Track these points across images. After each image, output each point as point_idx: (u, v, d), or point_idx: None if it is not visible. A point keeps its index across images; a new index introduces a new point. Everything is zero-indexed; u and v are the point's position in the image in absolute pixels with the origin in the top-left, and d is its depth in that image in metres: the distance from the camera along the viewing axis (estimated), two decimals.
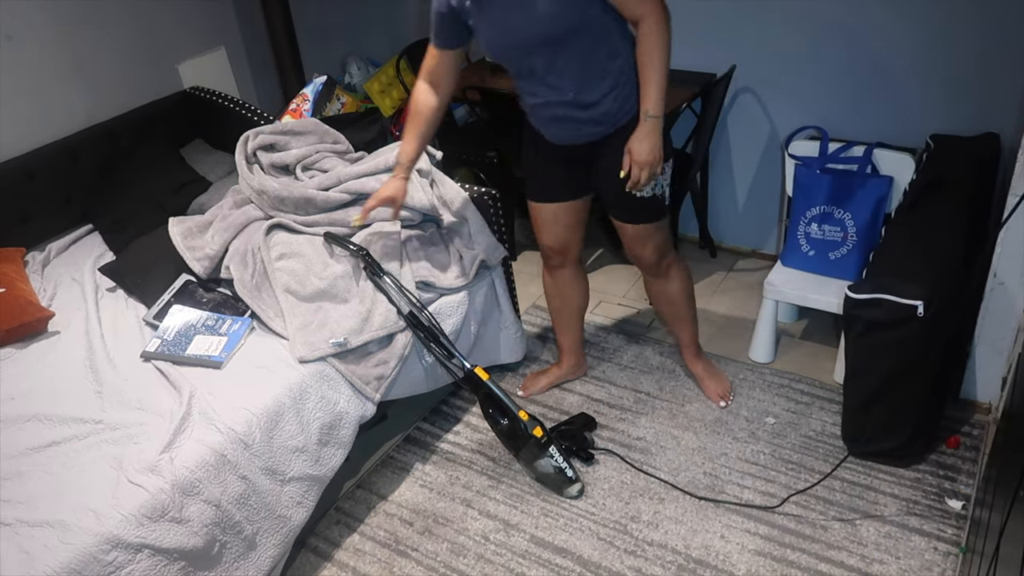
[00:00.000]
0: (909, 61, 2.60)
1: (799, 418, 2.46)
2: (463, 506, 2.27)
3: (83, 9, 2.76)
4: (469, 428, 2.55)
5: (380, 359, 2.17)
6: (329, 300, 2.22)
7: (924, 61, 2.57)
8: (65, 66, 2.76)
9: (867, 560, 2.01)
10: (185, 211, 2.72)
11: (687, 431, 2.45)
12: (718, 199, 3.27)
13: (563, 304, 2.54)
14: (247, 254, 2.32)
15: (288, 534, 1.99)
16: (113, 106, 2.91)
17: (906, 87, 2.64)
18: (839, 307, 2.27)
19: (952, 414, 2.40)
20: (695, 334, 2.54)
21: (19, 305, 2.25)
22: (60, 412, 1.94)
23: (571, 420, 2.48)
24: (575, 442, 2.37)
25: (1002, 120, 2.50)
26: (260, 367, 2.07)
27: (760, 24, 2.80)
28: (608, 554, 2.09)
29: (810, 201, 2.63)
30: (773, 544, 2.08)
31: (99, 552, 1.61)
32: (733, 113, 3.04)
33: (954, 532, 2.06)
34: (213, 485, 1.81)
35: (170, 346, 2.11)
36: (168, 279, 2.33)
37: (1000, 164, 2.48)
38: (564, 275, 2.46)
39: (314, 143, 2.61)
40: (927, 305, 1.99)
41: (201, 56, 3.17)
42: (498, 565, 2.09)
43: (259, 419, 1.93)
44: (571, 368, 2.67)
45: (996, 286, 2.21)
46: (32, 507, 1.68)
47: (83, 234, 2.76)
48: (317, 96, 3.01)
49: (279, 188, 2.42)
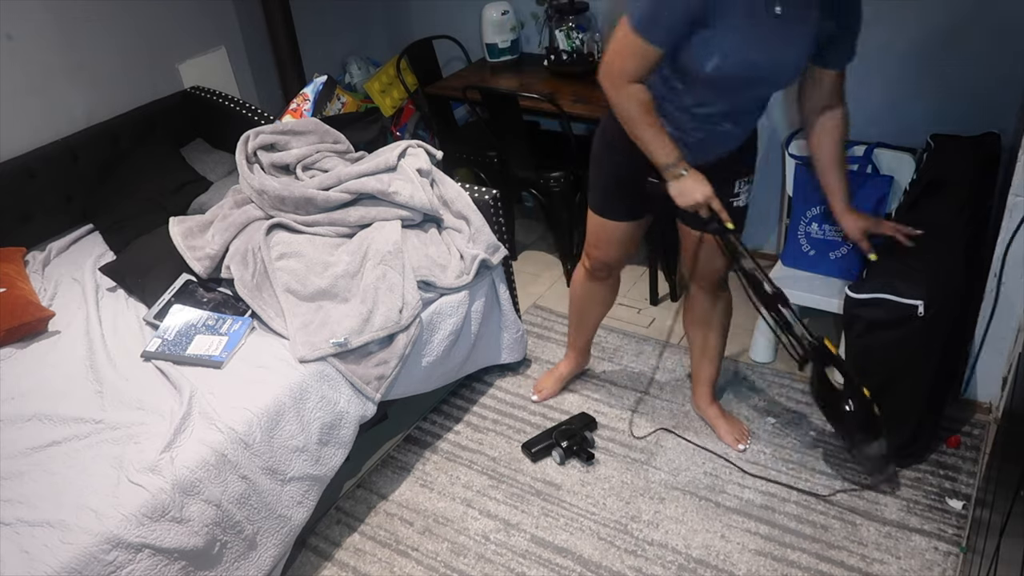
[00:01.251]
0: (909, 60, 2.59)
1: (800, 418, 2.46)
2: (463, 506, 2.27)
3: (84, 8, 2.76)
4: (470, 428, 2.55)
5: (381, 359, 2.17)
6: (330, 300, 2.22)
7: (924, 60, 2.57)
8: (66, 65, 2.76)
9: (868, 560, 2.01)
10: (185, 211, 2.72)
11: (688, 431, 2.45)
12: None
13: (593, 309, 2.50)
14: (247, 254, 2.32)
15: (289, 534, 2.00)
16: (114, 105, 2.91)
17: (906, 86, 2.64)
18: (839, 307, 2.27)
19: (953, 414, 2.40)
20: (717, 374, 2.44)
21: (19, 305, 2.25)
22: (60, 412, 1.94)
23: (571, 420, 2.48)
24: (575, 442, 2.37)
25: (1002, 120, 2.49)
26: (260, 367, 2.07)
27: None
28: (609, 554, 2.09)
29: (811, 201, 2.63)
30: (774, 544, 2.08)
31: (99, 552, 1.61)
32: None
33: (955, 532, 2.06)
34: (213, 485, 1.81)
35: (170, 346, 2.11)
36: (168, 279, 2.33)
37: (1000, 164, 2.48)
38: (607, 285, 2.42)
39: (314, 143, 2.61)
40: (927, 305, 1.99)
41: (202, 56, 3.17)
42: (498, 565, 2.09)
43: (259, 419, 1.93)
44: (579, 364, 2.68)
45: (996, 286, 2.21)
46: (32, 507, 1.68)
47: (83, 234, 2.76)
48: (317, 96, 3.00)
49: (279, 188, 2.42)
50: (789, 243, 2.69)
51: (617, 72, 1.76)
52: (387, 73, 3.60)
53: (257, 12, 3.26)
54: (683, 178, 1.84)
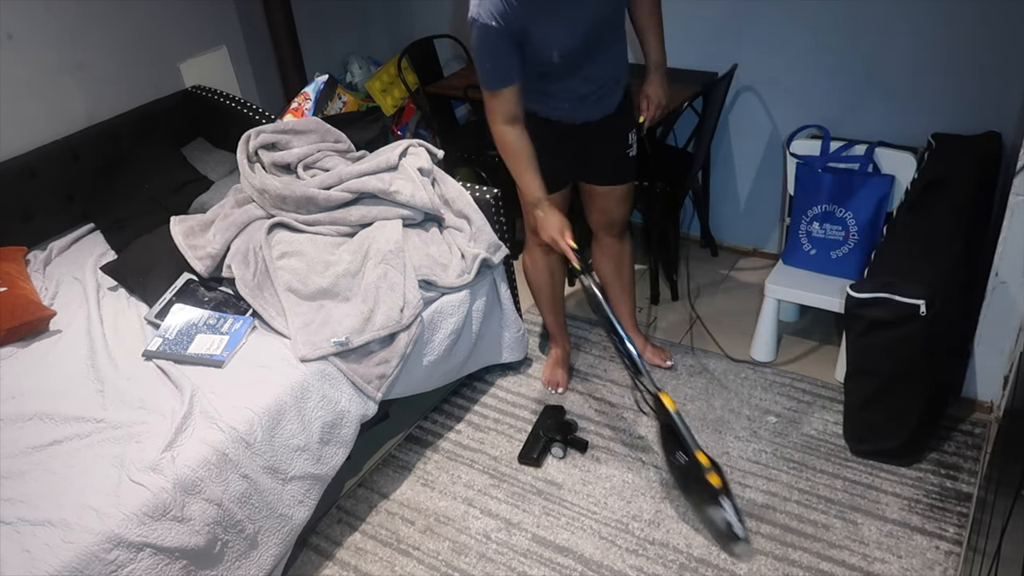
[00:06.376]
0: (910, 60, 2.59)
1: (801, 417, 2.46)
2: (465, 505, 2.28)
3: (85, 8, 2.76)
4: (471, 427, 2.56)
5: (382, 358, 2.17)
6: (331, 299, 2.22)
7: (926, 60, 2.57)
8: (67, 65, 2.76)
9: (869, 559, 2.01)
10: (186, 210, 2.72)
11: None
12: (719, 198, 3.26)
13: (552, 284, 2.59)
14: (248, 253, 2.32)
15: (290, 533, 2.00)
16: (115, 105, 2.92)
17: (907, 86, 2.64)
18: (840, 306, 2.27)
19: (954, 413, 2.40)
20: (634, 304, 2.72)
21: (20, 304, 2.25)
22: (62, 411, 1.94)
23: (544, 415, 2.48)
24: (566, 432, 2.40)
25: (1003, 119, 2.49)
26: (262, 366, 2.07)
27: (762, 23, 2.80)
28: (610, 553, 2.09)
29: (812, 200, 2.63)
30: (775, 543, 2.07)
31: (101, 551, 1.61)
32: (734, 112, 3.04)
33: (956, 531, 2.06)
34: (215, 484, 1.81)
35: (172, 345, 2.12)
36: (170, 278, 2.33)
37: (1002, 163, 2.48)
38: (553, 257, 2.50)
39: (315, 142, 2.61)
40: (929, 304, 1.99)
41: (203, 55, 3.18)
42: (500, 564, 2.09)
43: (261, 418, 1.93)
44: (567, 346, 2.75)
45: (998, 285, 2.20)
46: (34, 506, 1.68)
47: (84, 233, 2.76)
48: (319, 95, 3.01)
49: (281, 187, 2.42)
50: (790, 242, 2.69)
51: (491, 119, 2.09)
52: (388, 72, 3.60)
53: (258, 11, 3.26)
54: (542, 217, 2.15)
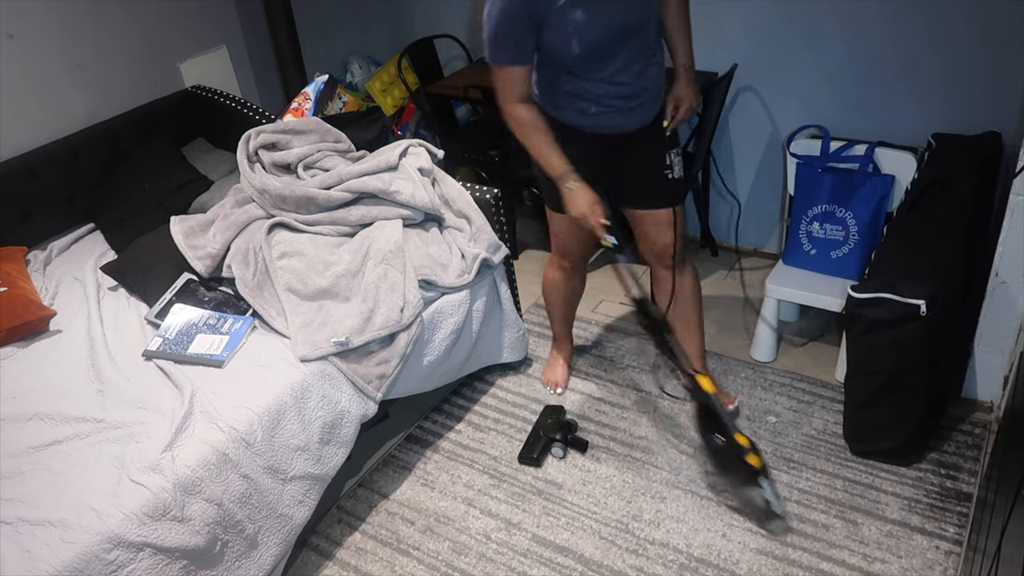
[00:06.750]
0: (910, 60, 2.59)
1: (801, 417, 2.46)
2: (465, 505, 2.28)
3: (85, 8, 2.76)
4: (471, 427, 2.56)
5: (382, 358, 2.17)
6: (331, 299, 2.22)
7: (926, 60, 2.57)
8: (67, 65, 2.76)
9: (869, 559, 2.01)
10: (187, 210, 2.72)
11: (689, 429, 2.45)
12: (719, 198, 3.26)
13: (571, 300, 2.59)
14: (249, 253, 2.32)
15: (290, 533, 2.00)
16: (115, 105, 2.92)
17: (907, 86, 2.63)
18: (841, 306, 2.27)
19: (954, 413, 2.39)
20: (703, 344, 2.46)
21: (21, 304, 2.25)
22: (62, 411, 1.94)
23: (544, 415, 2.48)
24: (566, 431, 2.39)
25: (1003, 119, 2.49)
26: (262, 366, 2.07)
27: (762, 23, 2.79)
28: (610, 553, 2.09)
29: (812, 200, 2.63)
30: (775, 543, 2.07)
31: (100, 551, 1.61)
32: (734, 112, 3.03)
33: (956, 531, 2.06)
34: (215, 484, 1.81)
35: (172, 345, 2.12)
36: (170, 278, 2.33)
37: (1002, 163, 2.48)
38: (578, 276, 2.51)
39: (316, 142, 2.61)
40: (929, 304, 1.99)
41: (203, 55, 3.18)
42: (500, 564, 2.09)
43: (261, 418, 1.93)
44: (571, 348, 2.75)
45: (998, 285, 2.20)
46: (33, 506, 1.68)
47: (85, 233, 2.76)
48: (319, 95, 3.00)
49: (281, 187, 2.42)
50: (790, 242, 2.69)
51: (502, 98, 1.98)
52: (388, 72, 3.60)
53: (258, 11, 3.26)
54: (571, 191, 2.01)
